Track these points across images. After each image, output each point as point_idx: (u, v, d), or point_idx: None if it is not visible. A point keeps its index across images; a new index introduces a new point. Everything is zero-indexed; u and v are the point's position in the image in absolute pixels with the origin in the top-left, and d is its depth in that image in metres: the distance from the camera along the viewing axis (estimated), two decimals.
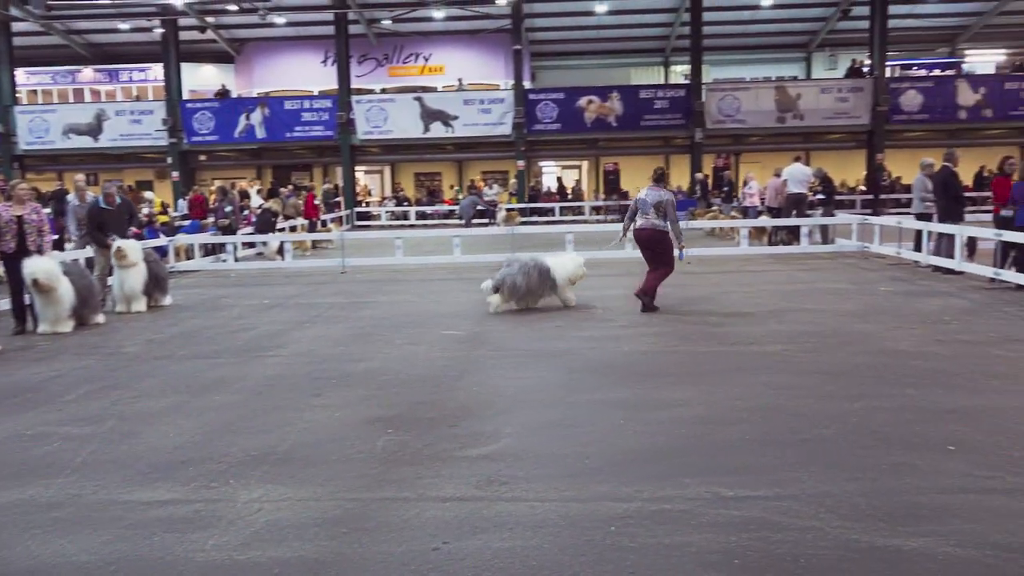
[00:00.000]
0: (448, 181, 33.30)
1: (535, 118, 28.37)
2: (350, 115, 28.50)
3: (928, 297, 10.18)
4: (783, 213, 17.00)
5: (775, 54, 34.45)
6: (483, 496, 4.22)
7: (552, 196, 30.77)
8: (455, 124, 28.54)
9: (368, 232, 24.76)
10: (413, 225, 28.68)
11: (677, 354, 7.35)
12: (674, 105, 28.30)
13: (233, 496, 4.31)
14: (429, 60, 32.81)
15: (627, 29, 32.05)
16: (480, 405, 5.89)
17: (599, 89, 28.85)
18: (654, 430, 5.18)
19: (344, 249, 15.54)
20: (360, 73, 32.02)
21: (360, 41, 31.30)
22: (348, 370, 7.10)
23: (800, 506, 3.94)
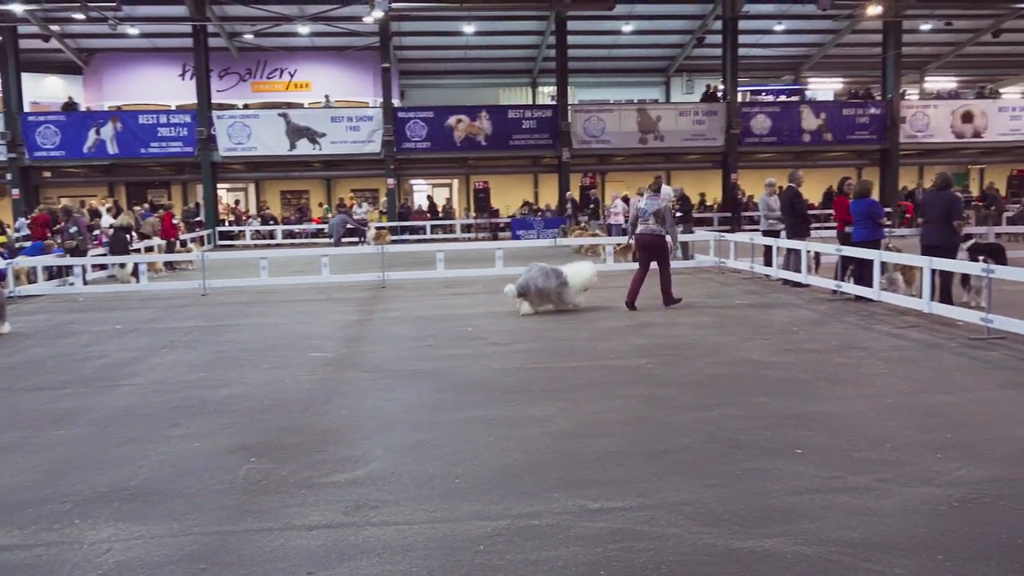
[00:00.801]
0: (316, 199, 32.62)
1: (405, 136, 28.29)
2: (211, 131, 27.45)
3: (778, 309, 10.83)
4: None
5: (637, 78, 35.93)
6: (351, 522, 4.13)
7: (423, 214, 30.71)
8: (323, 141, 28.02)
9: (232, 252, 23.86)
10: (280, 244, 27.88)
11: (545, 370, 7.47)
12: (542, 125, 28.92)
13: (79, 537, 4.03)
14: (295, 76, 32.15)
15: (495, 50, 32.56)
16: (348, 428, 5.78)
17: (468, 108, 29.12)
18: (523, 446, 5.24)
19: (205, 270, 14.91)
20: (221, 88, 30.97)
21: (221, 55, 30.30)
22: (209, 397, 6.80)
23: (661, 514, 4.08)
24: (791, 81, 35.99)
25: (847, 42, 33.29)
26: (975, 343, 8.20)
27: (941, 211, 10.17)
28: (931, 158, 31.72)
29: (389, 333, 9.76)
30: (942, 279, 9.95)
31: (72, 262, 15.53)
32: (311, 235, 28.96)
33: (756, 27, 30.80)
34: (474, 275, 15.28)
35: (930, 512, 4.04)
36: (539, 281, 10.47)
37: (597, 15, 28.79)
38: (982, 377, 6.80)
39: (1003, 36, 31.33)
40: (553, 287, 10.55)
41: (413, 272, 15.60)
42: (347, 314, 11.48)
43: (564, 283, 10.59)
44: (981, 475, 4.52)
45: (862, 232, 11.23)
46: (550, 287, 10.53)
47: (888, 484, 4.42)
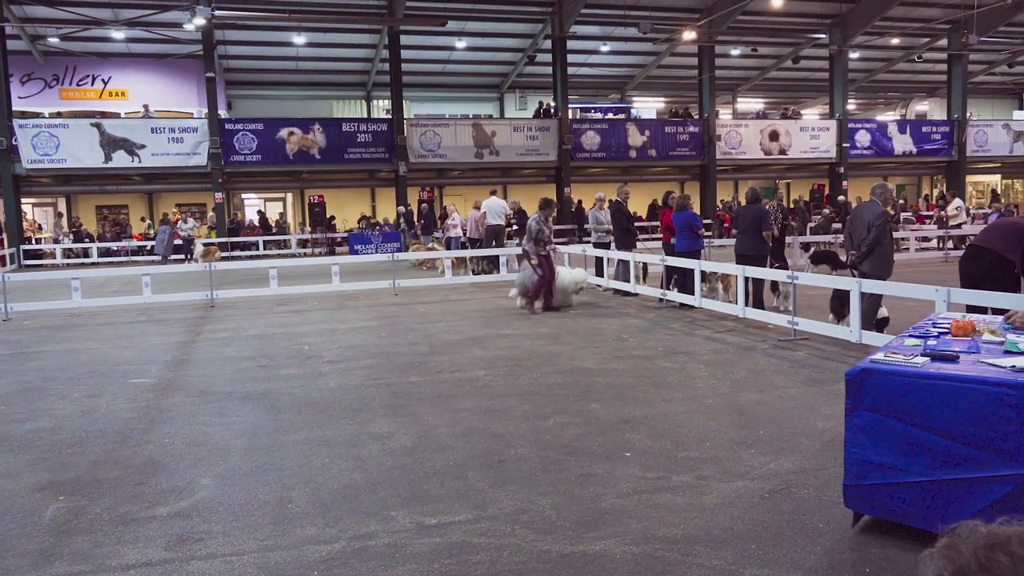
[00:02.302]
0: (137, 214, 30.64)
1: (233, 149, 27.13)
2: (12, 141, 25.14)
3: (610, 318, 11.28)
4: (483, 244, 17.89)
5: (472, 93, 36.43)
6: (173, 558, 3.90)
7: (255, 230, 29.56)
8: (142, 153, 26.33)
9: (39, 272, 21.92)
10: (96, 263, 25.93)
11: (384, 386, 7.39)
12: (377, 139, 28.66)
13: None
14: (109, 83, 30.10)
15: (328, 62, 32.00)
16: (172, 458, 5.45)
17: (301, 121, 28.36)
18: (361, 465, 5.15)
19: (6, 293, 13.60)
20: (24, 94, 28.53)
21: (23, 58, 27.89)
22: (9, 432, 6.20)
23: (498, 525, 4.13)
24: (618, 99, 37.76)
25: (668, 64, 35.37)
26: (784, 344, 8.90)
27: (752, 223, 10.98)
28: (744, 173, 34.22)
29: (219, 354, 9.31)
30: (755, 286, 10.74)
31: None
32: (132, 252, 27.15)
33: (583, 47, 32.10)
34: (310, 291, 14.88)
35: (744, 504, 4.34)
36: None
37: (430, 31, 28.95)
38: (789, 375, 7.39)
39: (801, 63, 34.38)
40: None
41: (245, 290, 14.97)
42: (172, 336, 10.84)
43: (557, 284, 12.11)
44: (788, 466, 4.90)
45: (684, 243, 11.92)
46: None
47: (708, 481, 4.70)
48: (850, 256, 9.09)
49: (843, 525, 4.00)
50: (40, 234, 29.07)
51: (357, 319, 11.80)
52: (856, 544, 3.83)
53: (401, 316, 11.97)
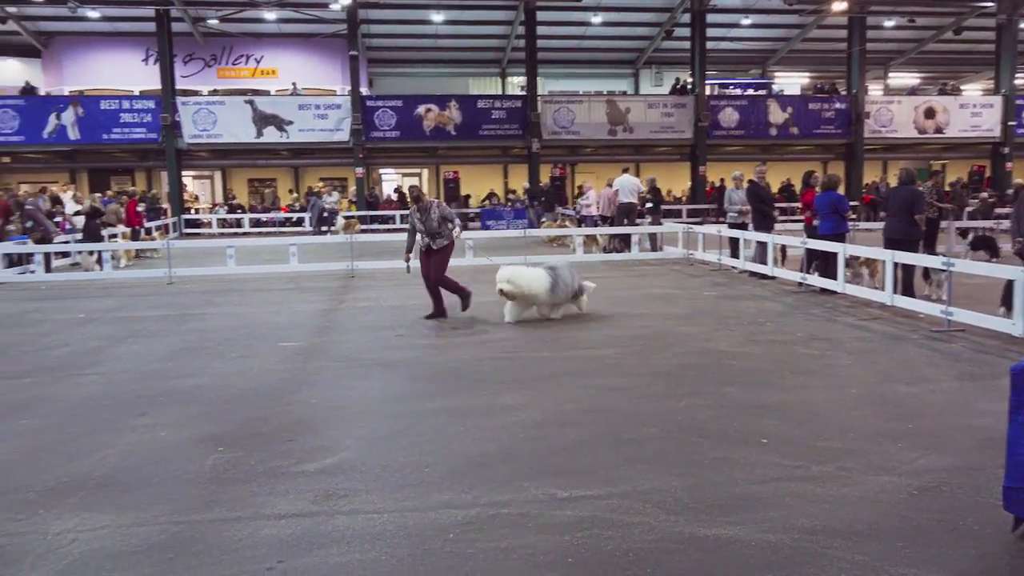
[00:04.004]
0: (284, 187, 32.28)
1: (373, 125, 28.07)
2: (175, 117, 27.01)
3: (745, 301, 10.96)
4: (615, 222, 17.76)
5: (606, 69, 36.02)
6: (320, 511, 4.13)
7: (392, 204, 30.53)
8: (290, 129, 27.71)
9: (198, 240, 23.55)
10: (247, 233, 27.55)
11: (516, 360, 7.50)
12: (511, 115, 28.88)
13: (43, 527, 3.98)
14: (261, 62, 31.72)
15: (464, 39, 32.43)
16: (318, 418, 5.76)
17: (438, 98, 28.97)
18: (493, 435, 5.27)
19: (171, 259, 14.70)
20: (186, 73, 30.49)
21: (185, 40, 29.80)
22: (175, 387, 6.73)
23: (630, 503, 4.13)
24: (758, 75, 36.34)
25: (813, 37, 33.67)
26: (936, 335, 8.38)
27: (903, 205, 10.35)
28: (894, 153, 32.25)
29: (359, 323, 9.72)
30: (904, 272, 10.14)
31: (33, 249, 15.21)
32: (279, 223, 28.66)
33: (724, 20, 31.04)
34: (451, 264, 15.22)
35: (890, 500, 4.14)
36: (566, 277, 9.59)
37: (566, 6, 28.80)
38: (943, 368, 6.96)
39: (964, 34, 31.89)
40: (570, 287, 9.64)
41: (382, 261, 15.51)
42: (317, 303, 11.40)
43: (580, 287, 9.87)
44: (940, 463, 4.64)
45: (827, 225, 11.39)
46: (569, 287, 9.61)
47: (850, 472, 4.52)
48: (1016, 243, 8.42)
49: (1001, 529, 3.76)
50: (197, 204, 31.14)
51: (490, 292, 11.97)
52: (1015, 550, 3.58)
53: None
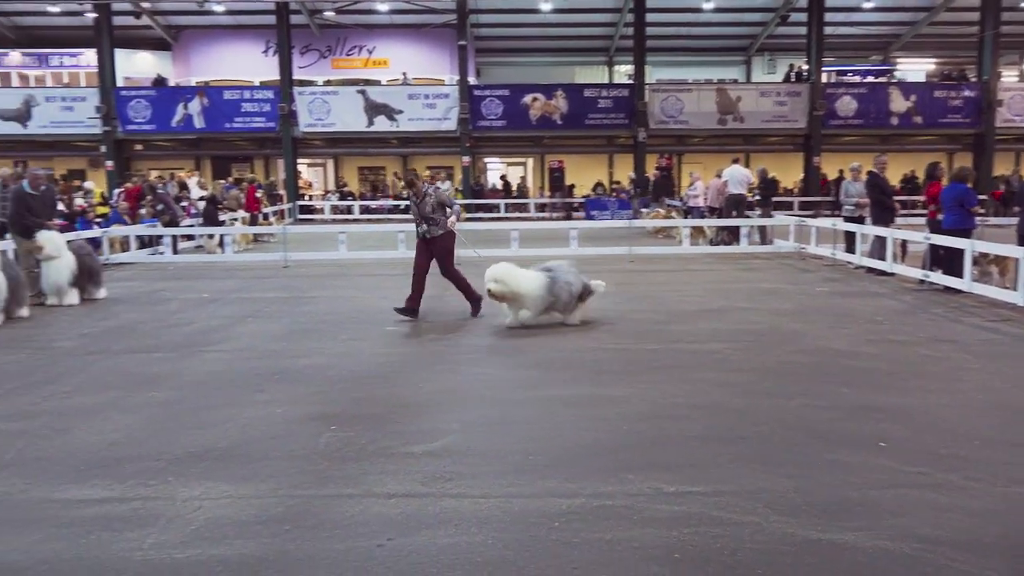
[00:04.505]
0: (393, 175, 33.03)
1: (480, 114, 28.36)
2: (292, 107, 28.06)
3: (861, 298, 10.51)
4: (723, 213, 17.35)
5: (716, 57, 35.14)
6: (428, 492, 4.22)
7: (497, 193, 30.79)
8: (400, 118, 28.35)
9: (311, 226, 24.42)
10: (357, 220, 28.37)
11: (621, 351, 7.45)
12: (618, 105, 28.60)
13: (172, 494, 4.23)
14: (373, 53, 32.52)
15: (572, 28, 32.28)
16: (425, 402, 5.89)
17: (544, 87, 28.99)
18: (598, 426, 5.25)
19: (286, 243, 15.30)
20: (303, 64, 31.57)
21: (302, 32, 30.85)
22: (290, 366, 7.01)
23: (738, 501, 4.04)
24: (879, 61, 34.66)
25: (941, 20, 31.81)
26: None
27: None
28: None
29: (464, 309, 9.85)
30: None
31: (162, 232, 16.14)
32: (388, 211, 29.38)
33: (844, 4, 29.71)
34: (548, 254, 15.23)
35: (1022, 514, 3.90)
36: (567, 278, 8.52)
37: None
38: None
39: None
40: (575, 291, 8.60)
41: (487, 250, 15.65)
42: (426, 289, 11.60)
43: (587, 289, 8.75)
44: None
45: (952, 220, 10.78)
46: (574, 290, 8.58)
47: (978, 482, 4.27)
48: None
49: None
50: (310, 191, 32.28)
51: None
52: None
53: (637, 283, 11.96)
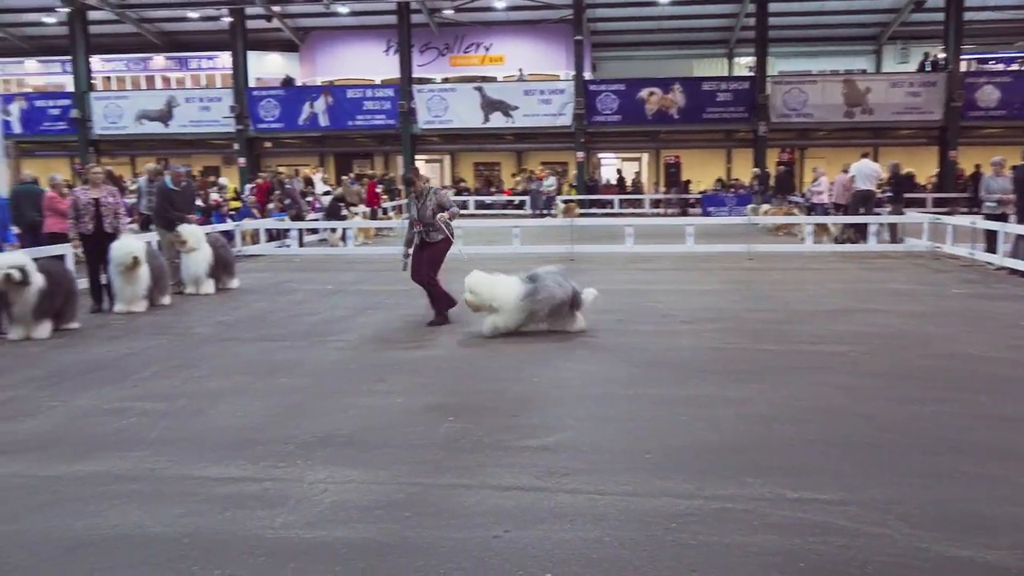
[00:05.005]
0: (507, 171, 33.34)
1: (595, 109, 28.20)
2: (411, 104, 28.74)
3: (1002, 301, 9.85)
4: (849, 210, 16.60)
5: (843, 46, 33.58)
6: (543, 487, 4.24)
7: (611, 188, 30.56)
8: (515, 114, 28.54)
9: None
10: (472, 215, 28.80)
11: (739, 351, 7.26)
12: (737, 98, 27.82)
13: (300, 476, 4.42)
14: (490, 50, 32.85)
15: (690, 20, 31.61)
16: (540, 396, 5.92)
17: (661, 81, 28.52)
18: (716, 427, 5.14)
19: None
20: (421, 62, 32.25)
21: (422, 30, 31.51)
22: (409, 357, 7.20)
23: (867, 512, 3.87)
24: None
25: None
26: None
27: None
28: None
29: None
30: None
31: (289, 226, 16.89)
32: (502, 206, 29.69)
33: None
34: (663, 251, 15.06)
35: None
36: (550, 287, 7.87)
37: None
38: None
39: None
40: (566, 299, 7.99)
41: (601, 246, 15.62)
42: None
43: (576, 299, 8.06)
44: None
45: None
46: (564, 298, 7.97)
47: None
48: None
49: None
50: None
51: (710, 281, 11.70)
52: None
53: (755, 281, 11.62)
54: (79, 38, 29.31)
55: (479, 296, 7.84)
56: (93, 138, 30.04)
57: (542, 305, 7.84)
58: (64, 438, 5.12)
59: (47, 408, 5.78)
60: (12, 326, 8.24)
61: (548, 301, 7.84)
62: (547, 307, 7.87)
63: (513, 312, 7.88)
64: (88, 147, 29.63)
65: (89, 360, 7.30)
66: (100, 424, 5.40)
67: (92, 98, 30.02)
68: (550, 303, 7.85)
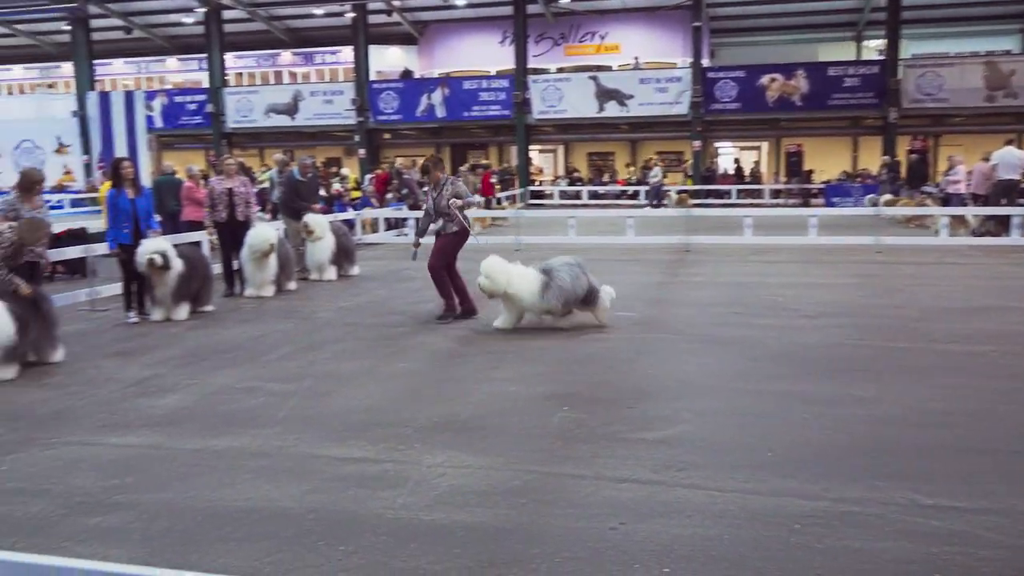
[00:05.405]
0: (621, 161, 33.00)
1: (713, 97, 27.48)
2: (526, 95, 28.83)
3: None
4: (990, 201, 15.53)
5: (985, 26, 31.33)
6: (660, 480, 4.18)
7: (728, 178, 29.75)
8: (630, 103, 28.17)
9: (541, 211, 25.05)
10: (586, 205, 28.69)
11: (868, 348, 6.92)
12: (866, 83, 26.46)
13: (418, 459, 4.52)
14: (605, 39, 32.53)
15: (815, 2, 30.24)
16: (656, 388, 5.84)
17: (783, 66, 27.47)
18: (842, 427, 4.92)
19: (519, 227, 15.80)
20: (536, 53, 32.28)
21: (537, 21, 31.52)
22: (524, 346, 7.24)
23: (1012, 523, 3.61)
24: None
25: None
26: None
27: None
28: None
29: (694, 297, 9.65)
30: None
31: (407, 215, 17.30)
32: (615, 196, 29.42)
33: None
34: (784, 243, 14.53)
35: None
36: (564, 281, 7.63)
37: None
38: None
39: None
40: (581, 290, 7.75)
41: (717, 237, 15.23)
42: (651, 275, 11.54)
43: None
44: None
45: None
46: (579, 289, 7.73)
47: None
48: None
49: None
50: (540, 177, 33.09)
51: (835, 275, 11.22)
52: None
53: (884, 276, 11.05)
54: (214, 36, 30.92)
55: (495, 283, 7.68)
56: (226, 131, 31.67)
57: (555, 298, 7.62)
58: (201, 414, 5.44)
59: (185, 385, 6.15)
60: (155, 308, 8.80)
61: (560, 295, 7.61)
62: (560, 301, 7.64)
63: (524, 305, 7.74)
64: (221, 139, 31.28)
65: (222, 341, 7.72)
66: (233, 402, 5.70)
67: (225, 93, 31.62)
68: (562, 297, 7.63)
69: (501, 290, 7.70)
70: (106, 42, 33.67)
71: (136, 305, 8.84)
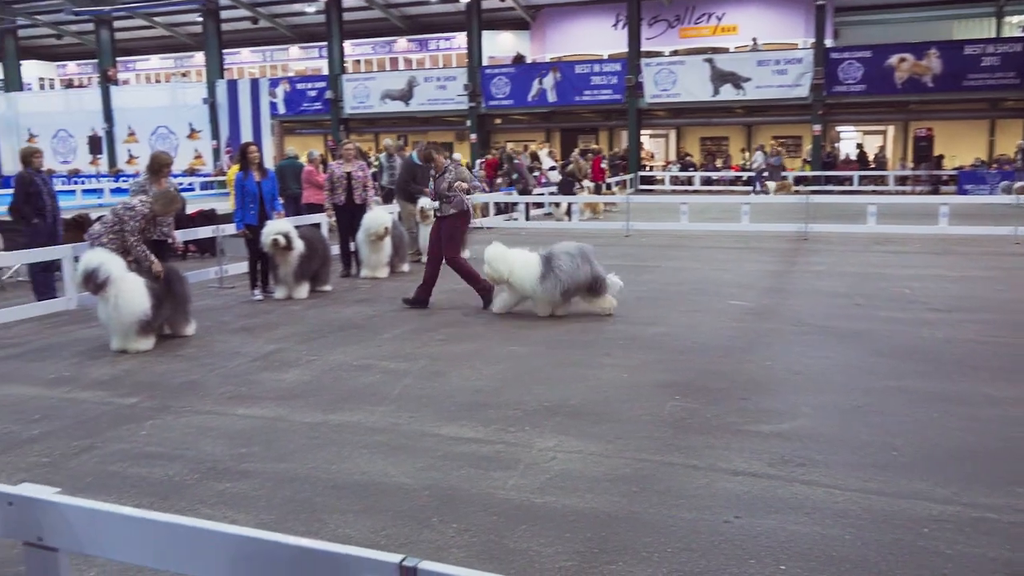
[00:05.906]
0: (735, 146, 32.08)
1: (836, 79, 26.27)
2: (639, 79, 28.39)
3: None
4: None
5: None
6: (777, 475, 4.06)
7: (851, 164, 28.43)
8: (746, 86, 27.29)
9: (652, 196, 24.68)
10: (697, 191, 28.07)
11: (1005, 346, 6.49)
12: (1007, 62, 24.69)
13: (529, 442, 4.55)
14: (722, 20, 31.59)
15: None
16: (772, 380, 5.66)
17: (914, 46, 25.97)
18: (975, 428, 4.64)
19: (629, 213, 15.63)
20: (650, 36, 31.71)
21: (651, 3, 30.94)
22: (634, 333, 7.16)
23: None
24: None
25: None
26: None
27: None
28: None
29: (812, 287, 9.30)
30: None
31: (516, 199, 17.40)
32: (729, 182, 28.66)
33: None
34: (911, 232, 13.80)
35: None
36: (566, 268, 7.57)
37: None
38: None
39: None
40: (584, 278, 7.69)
41: (838, 225, 14.61)
42: (766, 264, 11.19)
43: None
44: None
45: None
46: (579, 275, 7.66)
47: None
48: None
49: None
50: (651, 162, 32.58)
51: (969, 267, 10.56)
52: None
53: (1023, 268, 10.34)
54: (335, 24, 31.88)
55: (496, 271, 7.83)
56: (344, 117, 32.67)
57: (554, 286, 7.59)
58: (320, 389, 5.65)
59: (306, 361, 6.41)
60: (278, 286, 9.20)
61: (556, 285, 7.58)
62: (560, 289, 7.60)
63: (529, 292, 7.79)
64: (340, 125, 32.29)
65: (340, 320, 7.99)
66: (351, 378, 5.89)
67: (344, 80, 32.59)
68: (562, 285, 7.58)
69: (503, 278, 7.87)
70: (234, 32, 35.34)
71: (260, 283, 9.27)
